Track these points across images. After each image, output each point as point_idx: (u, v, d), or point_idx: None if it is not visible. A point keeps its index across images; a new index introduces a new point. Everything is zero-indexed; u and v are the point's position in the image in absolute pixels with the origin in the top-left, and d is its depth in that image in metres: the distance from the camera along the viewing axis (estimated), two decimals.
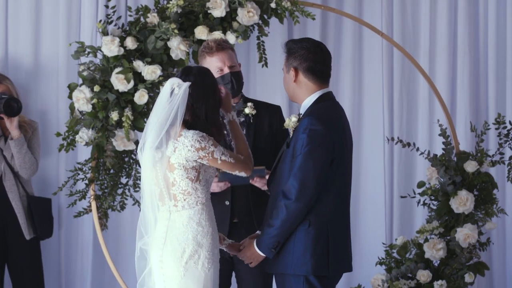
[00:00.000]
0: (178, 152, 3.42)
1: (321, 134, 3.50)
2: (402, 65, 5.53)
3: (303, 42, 3.64)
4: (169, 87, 3.46)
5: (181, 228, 3.45)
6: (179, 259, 3.43)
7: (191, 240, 3.44)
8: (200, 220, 3.47)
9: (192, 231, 3.45)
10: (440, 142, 4.90)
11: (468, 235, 4.73)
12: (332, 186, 3.54)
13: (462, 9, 5.52)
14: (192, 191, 3.46)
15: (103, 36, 4.56)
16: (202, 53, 4.08)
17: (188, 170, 3.44)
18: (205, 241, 3.46)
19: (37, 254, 4.87)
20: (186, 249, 3.43)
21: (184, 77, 3.48)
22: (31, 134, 4.87)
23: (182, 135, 3.42)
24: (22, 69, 5.30)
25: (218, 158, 3.45)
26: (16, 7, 5.30)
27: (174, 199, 3.47)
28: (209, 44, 4.06)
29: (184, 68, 3.54)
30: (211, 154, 3.44)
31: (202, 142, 3.42)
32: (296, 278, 3.54)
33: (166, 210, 3.49)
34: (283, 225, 3.50)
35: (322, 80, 3.64)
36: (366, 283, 5.02)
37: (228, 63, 4.04)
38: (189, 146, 3.41)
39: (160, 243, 3.46)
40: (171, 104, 3.43)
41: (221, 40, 4.10)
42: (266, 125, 4.13)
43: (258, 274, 4.00)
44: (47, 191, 5.07)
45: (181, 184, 3.45)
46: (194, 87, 3.45)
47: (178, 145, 3.42)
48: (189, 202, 3.47)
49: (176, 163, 3.43)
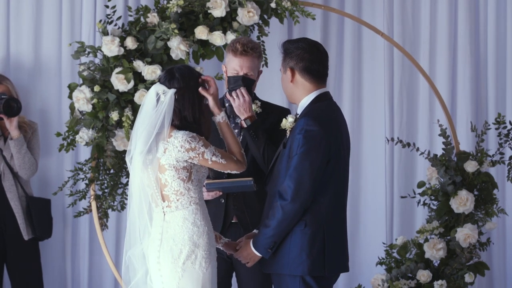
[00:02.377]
0: (168, 153, 3.42)
1: (317, 134, 3.49)
2: (402, 65, 5.53)
3: (300, 42, 3.64)
4: (154, 94, 3.46)
5: (176, 229, 3.46)
6: (176, 260, 3.43)
7: (187, 240, 3.44)
8: (195, 220, 3.47)
9: (187, 231, 3.45)
10: (440, 142, 4.90)
11: (468, 235, 4.73)
12: (328, 187, 3.53)
13: (462, 9, 5.51)
14: (184, 191, 3.46)
15: (103, 36, 4.56)
16: (228, 49, 4.09)
17: (179, 170, 3.44)
18: (201, 240, 3.46)
19: (35, 254, 4.87)
20: (183, 250, 3.43)
21: (168, 83, 3.48)
22: (31, 135, 4.87)
23: (172, 136, 3.43)
24: (24, 69, 5.31)
25: (209, 159, 3.44)
26: (17, 7, 5.30)
27: (168, 200, 3.47)
28: (237, 45, 4.05)
29: (167, 72, 3.51)
30: (201, 155, 3.43)
31: (192, 143, 3.42)
32: (292, 278, 3.54)
33: (160, 212, 3.49)
34: (279, 226, 3.50)
35: (319, 80, 3.64)
36: (366, 283, 5.02)
37: (245, 70, 4.05)
38: (178, 147, 3.41)
39: (157, 244, 3.46)
40: (158, 112, 3.43)
41: (249, 46, 4.06)
42: (271, 125, 4.12)
43: (258, 275, 4.00)
44: (48, 191, 5.06)
45: (173, 184, 3.46)
46: (180, 92, 3.46)
47: (168, 146, 3.42)
48: (182, 202, 3.47)
49: (166, 164, 3.43)
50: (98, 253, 5.26)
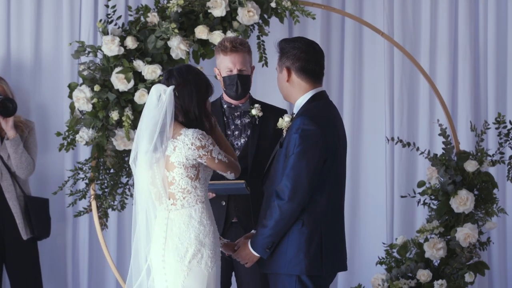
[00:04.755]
0: (178, 150, 3.42)
1: (314, 134, 3.49)
2: (403, 65, 5.53)
3: (296, 42, 3.64)
4: (154, 94, 3.47)
5: (182, 227, 3.44)
6: (182, 259, 3.42)
7: (193, 239, 3.43)
8: (202, 219, 3.46)
9: (194, 230, 3.44)
10: (440, 141, 4.89)
11: (468, 235, 4.73)
12: (325, 186, 3.53)
13: (463, 8, 5.51)
14: (191, 189, 3.46)
15: (103, 36, 4.57)
16: (217, 49, 4.09)
17: (188, 168, 3.44)
18: (207, 240, 3.45)
19: (34, 254, 4.87)
20: (189, 249, 3.42)
21: (167, 82, 3.49)
22: (28, 134, 4.87)
23: (182, 134, 3.42)
24: (24, 68, 5.31)
25: (216, 158, 3.45)
26: (18, 7, 5.30)
27: (173, 198, 3.46)
28: (225, 43, 4.06)
29: (166, 73, 3.54)
30: (210, 153, 3.44)
31: (202, 141, 3.42)
32: (288, 277, 3.54)
33: (164, 209, 3.48)
34: (276, 226, 3.50)
35: (315, 79, 3.64)
36: (366, 282, 5.02)
37: (238, 66, 4.05)
38: (189, 144, 3.41)
39: (161, 242, 3.45)
40: (159, 110, 3.43)
41: (238, 42, 4.08)
42: (271, 127, 4.12)
43: (258, 274, 4.00)
44: (47, 190, 5.06)
45: (180, 182, 3.45)
46: (179, 88, 3.46)
47: (177, 143, 3.42)
48: (189, 200, 3.46)
49: (176, 161, 3.43)
50: (98, 253, 5.26)
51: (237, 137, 4.11)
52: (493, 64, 5.53)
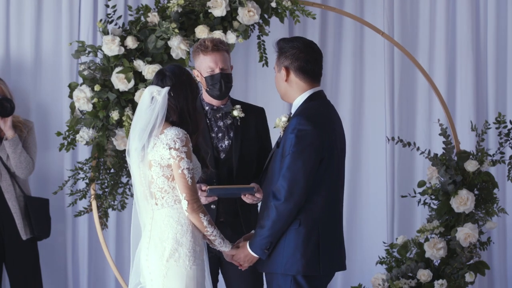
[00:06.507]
0: (155, 148, 3.44)
1: (310, 134, 3.49)
2: (403, 64, 5.53)
3: (294, 42, 3.64)
4: (148, 95, 3.48)
5: (162, 227, 3.48)
6: (160, 258, 3.45)
7: (170, 238, 3.45)
8: (179, 219, 3.48)
9: (171, 229, 3.46)
10: (441, 141, 4.90)
11: (468, 235, 4.73)
12: (322, 186, 3.53)
13: (462, 8, 5.52)
14: (169, 189, 3.47)
15: (103, 36, 4.57)
16: (197, 50, 4.04)
17: (163, 168, 3.45)
18: (184, 239, 3.46)
19: (34, 254, 4.86)
20: (167, 248, 3.45)
21: (161, 83, 3.50)
22: (27, 134, 4.86)
23: (164, 132, 3.44)
24: (24, 68, 5.31)
25: (182, 168, 3.42)
26: (18, 6, 5.30)
27: (154, 198, 3.49)
28: (205, 43, 4.02)
29: (158, 74, 3.54)
30: (178, 159, 3.42)
31: (177, 143, 3.42)
32: (284, 277, 3.55)
33: (150, 209, 3.51)
34: (274, 226, 3.51)
35: (313, 79, 3.64)
36: (367, 282, 5.02)
37: (220, 65, 4.01)
38: (164, 143, 3.43)
39: (146, 242, 3.49)
40: (152, 110, 3.45)
41: (218, 41, 4.05)
42: (253, 127, 4.11)
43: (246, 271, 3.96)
44: (47, 190, 5.06)
45: (157, 181, 3.47)
46: (174, 89, 3.48)
47: (157, 141, 3.45)
48: (167, 200, 3.48)
49: (153, 159, 3.45)
50: (98, 253, 5.26)
51: (221, 139, 4.08)
52: (493, 63, 5.54)
